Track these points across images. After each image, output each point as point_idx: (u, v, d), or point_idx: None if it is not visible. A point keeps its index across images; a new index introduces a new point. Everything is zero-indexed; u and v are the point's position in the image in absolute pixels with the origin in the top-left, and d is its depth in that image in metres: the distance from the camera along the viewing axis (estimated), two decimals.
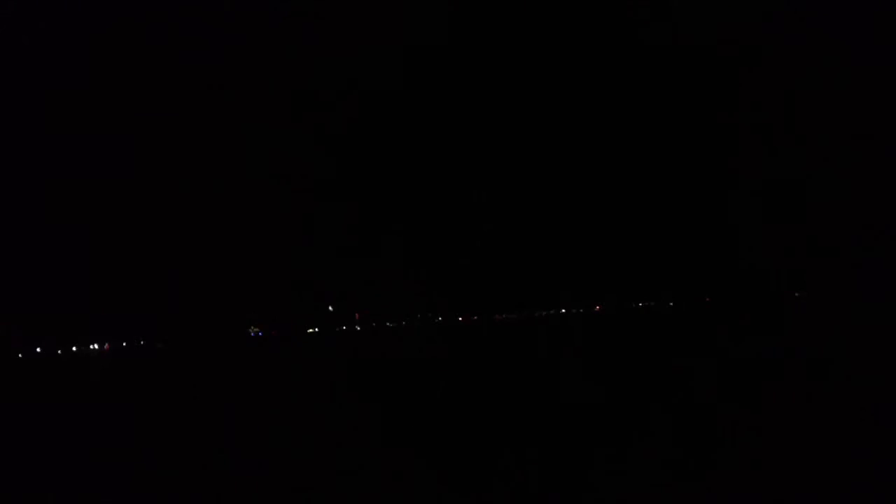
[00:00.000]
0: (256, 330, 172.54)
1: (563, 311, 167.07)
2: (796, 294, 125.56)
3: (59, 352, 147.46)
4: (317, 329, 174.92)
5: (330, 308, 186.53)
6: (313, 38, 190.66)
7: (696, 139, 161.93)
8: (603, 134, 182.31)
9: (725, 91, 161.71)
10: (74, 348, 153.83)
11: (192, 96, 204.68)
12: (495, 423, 10.21)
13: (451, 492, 6.64)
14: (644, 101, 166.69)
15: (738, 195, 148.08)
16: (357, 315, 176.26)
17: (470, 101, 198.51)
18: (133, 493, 7.02)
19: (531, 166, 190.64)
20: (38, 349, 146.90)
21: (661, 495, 5.70)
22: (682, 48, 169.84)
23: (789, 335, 25.64)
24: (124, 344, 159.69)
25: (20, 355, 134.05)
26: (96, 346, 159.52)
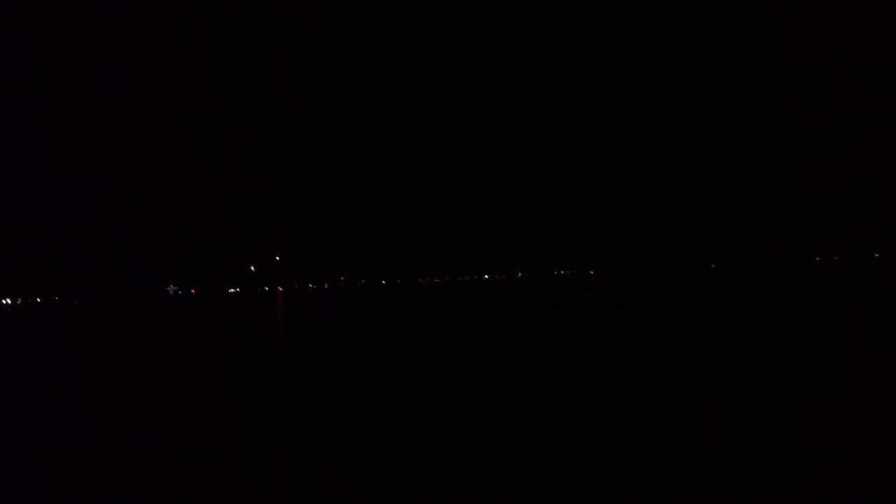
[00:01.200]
0: (175, 288, 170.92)
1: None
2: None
3: None
4: (238, 289, 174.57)
5: (252, 268, 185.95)
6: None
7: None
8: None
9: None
10: None
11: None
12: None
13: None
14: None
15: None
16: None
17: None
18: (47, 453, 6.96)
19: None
20: None
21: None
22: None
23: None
24: (38, 300, 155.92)
25: None
26: (8, 301, 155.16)
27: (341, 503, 5.11)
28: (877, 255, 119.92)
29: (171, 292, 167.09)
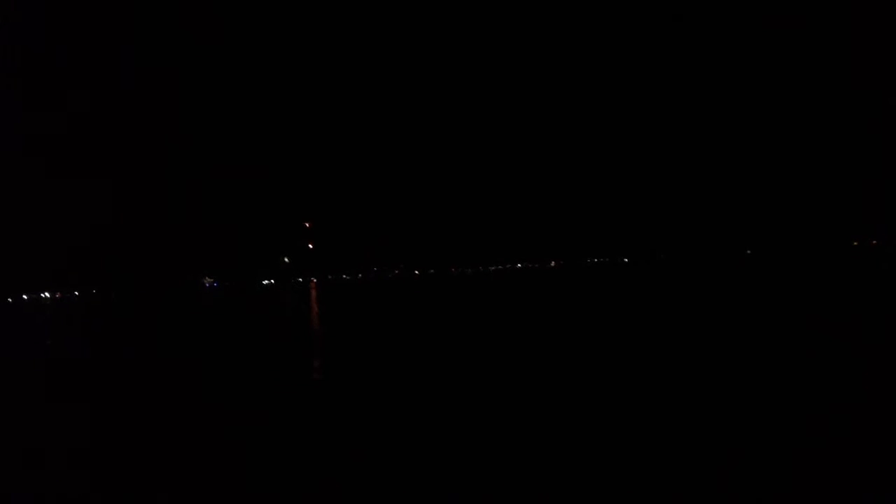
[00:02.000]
0: (211, 280, 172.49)
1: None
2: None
3: (9, 300, 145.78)
4: (273, 281, 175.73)
5: (286, 259, 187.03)
6: None
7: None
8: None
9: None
10: (25, 297, 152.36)
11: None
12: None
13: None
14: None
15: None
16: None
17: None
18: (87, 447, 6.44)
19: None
20: None
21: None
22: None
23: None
24: (76, 293, 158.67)
25: None
26: (48, 295, 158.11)
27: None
28: None
29: (207, 285, 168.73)
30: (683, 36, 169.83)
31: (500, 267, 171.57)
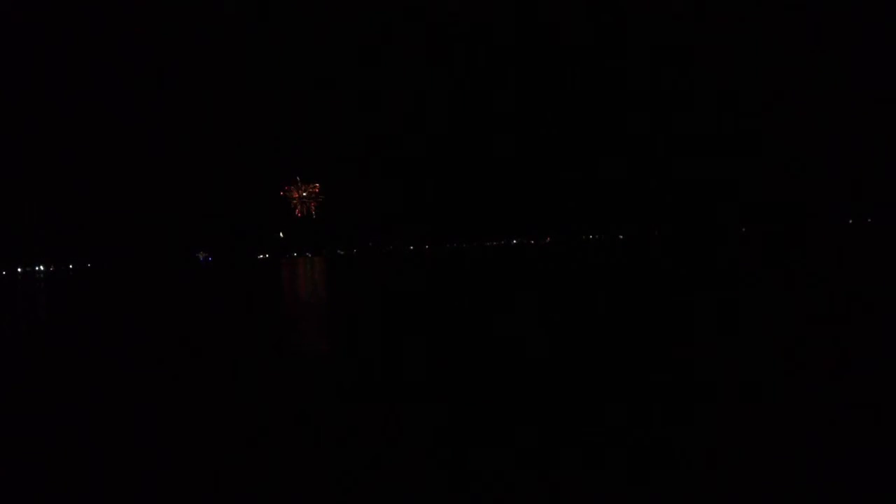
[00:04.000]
0: (206, 255, 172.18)
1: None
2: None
3: (3, 273, 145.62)
4: (267, 255, 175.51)
5: (280, 234, 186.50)
6: None
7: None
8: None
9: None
10: (19, 269, 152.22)
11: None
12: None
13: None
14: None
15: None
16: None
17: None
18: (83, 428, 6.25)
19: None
20: None
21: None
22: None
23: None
24: (70, 266, 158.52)
25: None
26: (42, 268, 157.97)
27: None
28: None
29: (202, 259, 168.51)
30: (681, 35, 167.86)
31: (495, 243, 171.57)
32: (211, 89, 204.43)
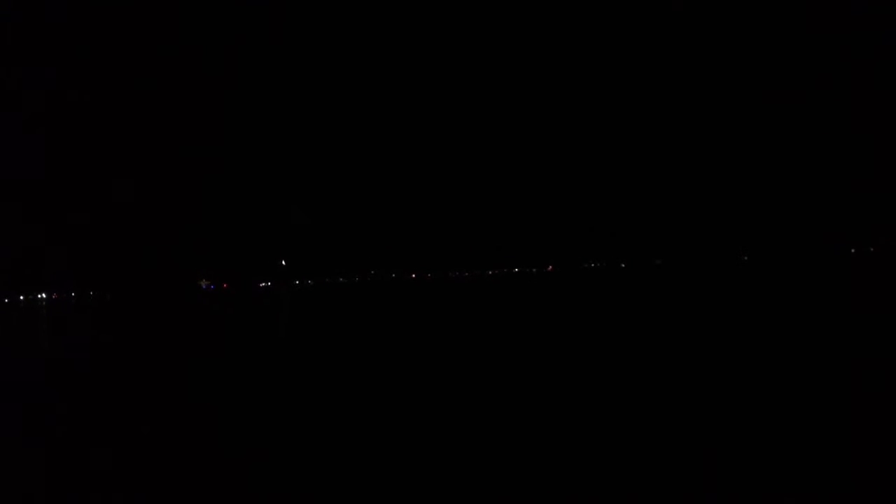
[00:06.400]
0: (208, 283, 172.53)
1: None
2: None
3: (5, 300, 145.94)
4: (269, 283, 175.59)
5: (283, 262, 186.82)
6: None
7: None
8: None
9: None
10: (21, 297, 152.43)
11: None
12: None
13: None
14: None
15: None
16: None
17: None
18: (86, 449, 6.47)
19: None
20: None
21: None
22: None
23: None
24: (72, 294, 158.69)
25: None
26: (44, 296, 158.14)
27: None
28: None
29: (204, 287, 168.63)
30: (681, 38, 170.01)
31: (496, 272, 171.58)
32: (211, 96, 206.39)
